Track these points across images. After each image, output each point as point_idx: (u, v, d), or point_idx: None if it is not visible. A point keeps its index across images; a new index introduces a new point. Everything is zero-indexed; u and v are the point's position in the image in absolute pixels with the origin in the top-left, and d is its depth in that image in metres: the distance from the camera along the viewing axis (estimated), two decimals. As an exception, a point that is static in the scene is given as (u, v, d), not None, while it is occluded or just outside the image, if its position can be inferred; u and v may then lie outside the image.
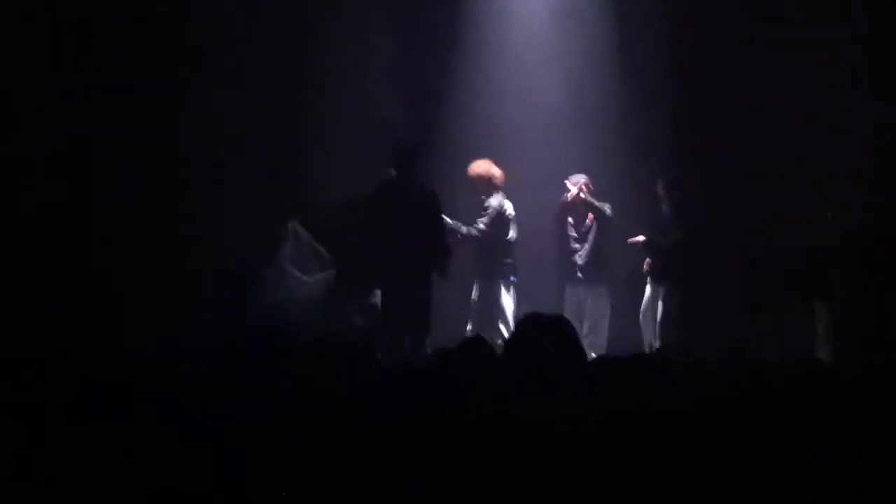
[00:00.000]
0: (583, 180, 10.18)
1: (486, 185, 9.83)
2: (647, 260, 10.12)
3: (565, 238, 10.33)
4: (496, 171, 9.84)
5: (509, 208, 9.86)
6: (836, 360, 8.41)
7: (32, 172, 9.45)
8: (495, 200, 9.80)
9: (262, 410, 3.64)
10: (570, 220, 10.27)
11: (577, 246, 10.24)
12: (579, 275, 10.21)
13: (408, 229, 8.74)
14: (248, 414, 3.60)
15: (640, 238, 10.09)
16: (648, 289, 10.16)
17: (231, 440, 3.48)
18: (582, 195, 10.13)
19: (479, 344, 4.28)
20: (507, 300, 9.87)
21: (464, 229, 9.71)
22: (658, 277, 10.04)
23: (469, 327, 9.83)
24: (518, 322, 4.08)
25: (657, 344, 9.76)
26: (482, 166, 9.83)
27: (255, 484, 3.40)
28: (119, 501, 3.32)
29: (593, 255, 10.20)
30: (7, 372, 3.62)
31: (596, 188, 10.26)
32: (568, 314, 9.29)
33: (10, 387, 3.52)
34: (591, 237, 10.20)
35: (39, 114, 9.48)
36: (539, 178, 10.51)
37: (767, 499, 3.27)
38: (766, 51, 10.40)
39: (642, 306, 10.18)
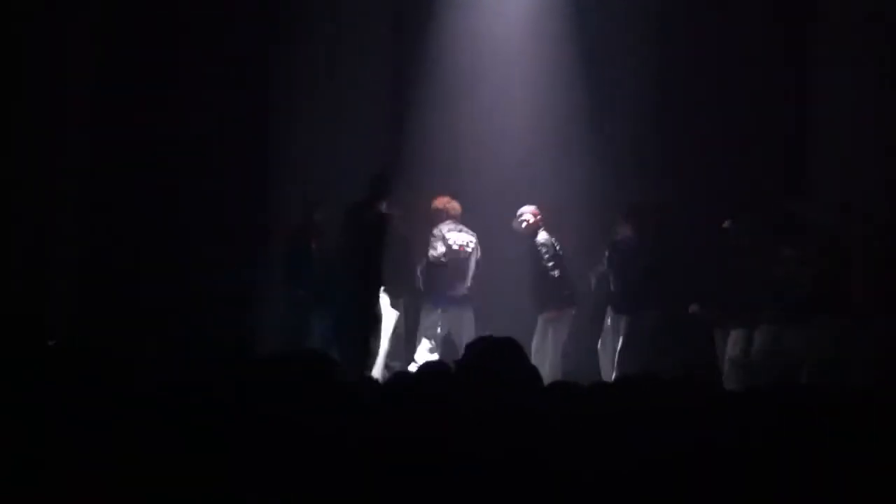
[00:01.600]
0: (528, 211, 10.18)
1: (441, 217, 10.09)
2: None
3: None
4: (455, 205, 10.10)
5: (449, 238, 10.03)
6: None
7: (38, 171, 9.50)
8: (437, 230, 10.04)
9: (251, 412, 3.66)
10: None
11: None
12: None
13: (357, 254, 9.17)
14: (246, 414, 3.61)
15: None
16: (608, 319, 10.10)
17: (230, 440, 3.48)
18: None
19: (436, 367, 4.34)
20: (432, 324, 10.05)
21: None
22: (620, 307, 9.97)
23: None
24: (468, 344, 4.17)
25: (614, 373, 9.70)
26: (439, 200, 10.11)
27: (253, 484, 3.41)
28: (119, 501, 3.31)
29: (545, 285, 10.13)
30: (7, 372, 3.62)
31: (565, 209, 10.26)
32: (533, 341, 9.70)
33: (10, 387, 3.52)
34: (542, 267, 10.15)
35: (51, 114, 9.54)
36: (509, 203, 10.58)
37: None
38: (747, 76, 10.49)
39: (601, 336, 10.14)
